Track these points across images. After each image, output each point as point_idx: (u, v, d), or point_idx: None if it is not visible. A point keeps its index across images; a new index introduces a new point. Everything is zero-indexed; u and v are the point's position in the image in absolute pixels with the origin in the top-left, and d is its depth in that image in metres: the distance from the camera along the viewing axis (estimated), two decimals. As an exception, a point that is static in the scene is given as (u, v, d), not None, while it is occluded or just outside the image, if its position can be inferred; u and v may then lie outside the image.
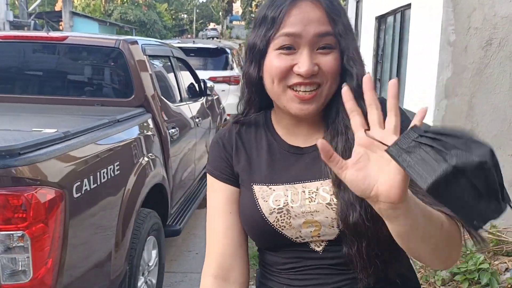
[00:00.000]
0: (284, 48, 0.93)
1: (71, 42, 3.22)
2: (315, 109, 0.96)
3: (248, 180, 1.03)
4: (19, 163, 1.72)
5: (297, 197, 0.98)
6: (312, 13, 0.92)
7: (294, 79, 0.93)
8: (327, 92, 0.96)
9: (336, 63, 0.94)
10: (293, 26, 0.92)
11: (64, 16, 21.46)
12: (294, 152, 1.03)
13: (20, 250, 1.74)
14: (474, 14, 3.14)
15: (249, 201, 1.01)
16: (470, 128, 3.33)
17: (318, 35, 0.92)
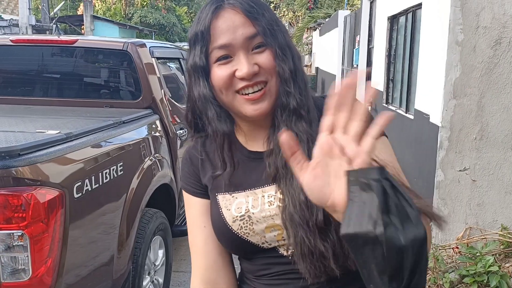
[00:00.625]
0: (222, 59, 0.95)
1: (80, 45, 3.29)
2: (268, 107, 0.96)
3: (214, 190, 1.05)
4: (19, 164, 1.77)
5: (257, 202, 0.99)
6: (235, 20, 0.94)
7: (239, 84, 0.95)
8: (275, 88, 0.96)
9: (272, 58, 0.95)
10: (221, 37, 0.94)
11: (85, 20, 21.81)
12: (255, 158, 1.03)
13: (20, 249, 1.78)
14: (482, 13, 3.09)
15: (215, 211, 1.03)
16: (480, 128, 3.28)
17: (248, 38, 0.94)
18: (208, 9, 0.96)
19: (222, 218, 1.01)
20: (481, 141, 3.28)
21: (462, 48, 3.16)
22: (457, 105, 3.25)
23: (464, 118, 3.26)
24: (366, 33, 8.18)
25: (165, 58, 3.73)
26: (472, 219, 3.40)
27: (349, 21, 10.89)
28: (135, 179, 2.52)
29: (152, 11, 30.04)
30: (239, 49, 0.94)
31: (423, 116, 4.03)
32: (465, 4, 3.10)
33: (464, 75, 3.20)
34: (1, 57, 3.38)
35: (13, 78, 3.39)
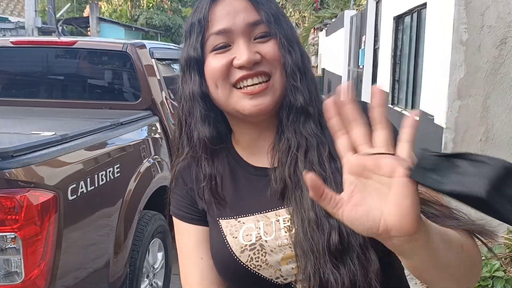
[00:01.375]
0: (219, 48, 0.84)
1: (80, 47, 3.27)
2: (270, 104, 0.83)
3: (214, 215, 0.89)
4: (12, 166, 1.74)
5: (271, 228, 0.84)
6: (236, 4, 0.84)
7: (236, 74, 0.83)
8: (280, 84, 0.84)
9: (278, 49, 0.84)
10: (220, 22, 0.83)
11: (92, 22, 21.92)
12: (261, 175, 0.89)
13: (13, 252, 1.75)
14: (487, 12, 3.03)
15: (217, 239, 0.88)
16: (485, 130, 3.22)
17: (250, 25, 0.84)
18: None
19: (227, 248, 0.85)
20: (486, 143, 3.23)
21: (467, 48, 3.11)
22: (462, 106, 3.20)
23: (469, 119, 3.21)
24: (372, 33, 8.13)
25: (165, 59, 3.70)
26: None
27: (355, 21, 10.83)
28: (133, 181, 2.49)
29: (158, 13, 30.13)
30: (239, 36, 0.83)
31: (428, 117, 3.98)
32: (469, 3, 3.05)
33: (468, 75, 3.15)
34: (1, 58, 3.37)
35: (12, 80, 3.38)
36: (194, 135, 0.89)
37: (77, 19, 23.85)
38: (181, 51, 0.91)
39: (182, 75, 0.90)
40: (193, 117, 0.88)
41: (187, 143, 0.91)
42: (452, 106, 3.20)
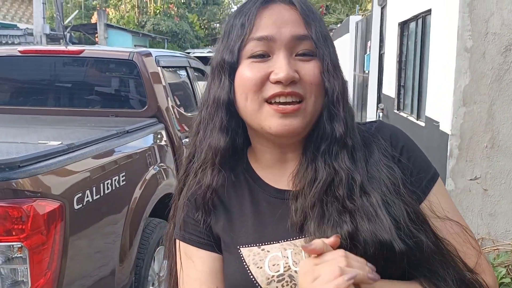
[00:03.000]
0: (257, 56, 0.78)
1: (87, 55, 3.30)
2: (300, 126, 0.78)
3: (233, 243, 0.82)
4: (19, 176, 1.77)
5: (301, 257, 0.77)
6: (286, 14, 0.79)
7: (271, 89, 0.77)
8: (313, 109, 0.79)
9: (319, 72, 0.79)
10: (265, 29, 0.78)
11: (99, 28, 22.10)
12: (283, 198, 0.82)
13: (19, 261, 1.77)
14: (491, 19, 3.03)
15: (238, 269, 0.80)
16: (491, 136, 3.21)
17: (296, 38, 0.78)
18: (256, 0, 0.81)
19: (251, 279, 0.77)
20: (492, 150, 3.22)
21: (471, 54, 3.11)
22: (467, 113, 3.19)
23: (474, 126, 3.20)
24: (377, 39, 8.12)
25: (171, 67, 3.73)
26: (483, 229, 3.32)
27: (360, 27, 10.84)
28: (138, 189, 2.51)
29: (165, 19, 30.30)
30: (281, 48, 0.77)
31: (433, 124, 3.97)
32: (474, 10, 3.04)
33: (473, 82, 3.14)
34: (9, 67, 3.41)
35: (20, 88, 3.42)
36: (208, 141, 0.84)
37: (85, 26, 24.05)
38: (214, 51, 0.85)
39: (211, 77, 0.84)
40: (211, 123, 0.83)
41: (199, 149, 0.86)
42: (457, 112, 3.20)
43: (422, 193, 0.82)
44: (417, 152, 0.86)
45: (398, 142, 0.85)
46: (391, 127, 0.88)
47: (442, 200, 0.83)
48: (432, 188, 0.83)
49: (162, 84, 3.32)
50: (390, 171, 0.80)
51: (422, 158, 0.86)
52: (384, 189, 0.78)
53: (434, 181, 0.84)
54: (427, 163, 0.86)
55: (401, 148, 0.84)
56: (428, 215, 0.80)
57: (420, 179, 0.83)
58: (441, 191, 0.85)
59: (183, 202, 0.88)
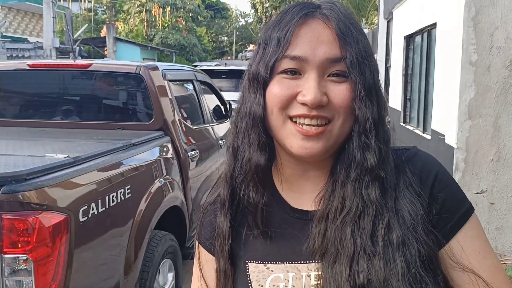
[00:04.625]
0: (288, 72, 0.77)
1: (95, 69, 3.35)
2: (322, 150, 0.76)
3: (242, 256, 0.83)
4: (25, 188, 1.79)
5: (301, 283, 0.77)
6: (322, 34, 0.76)
7: (297, 109, 0.75)
8: (339, 132, 0.76)
9: (350, 95, 0.75)
10: (299, 48, 0.76)
11: (108, 41, 22.37)
12: (297, 217, 0.81)
13: (24, 273, 1.79)
14: (496, 33, 3.04)
15: (242, 283, 0.82)
16: (496, 150, 3.20)
17: (330, 60, 0.75)
18: (295, 13, 0.78)
19: None
20: (498, 163, 3.20)
21: (476, 68, 3.11)
22: (473, 126, 3.19)
23: (480, 139, 3.19)
24: (383, 52, 8.15)
25: (177, 80, 3.77)
26: (490, 244, 3.29)
27: (367, 40, 10.88)
28: (143, 202, 2.52)
29: (173, 32, 30.60)
30: (313, 68, 0.75)
31: (439, 137, 3.96)
32: (478, 24, 3.06)
33: (479, 95, 3.14)
34: (19, 81, 3.47)
35: (29, 101, 3.47)
36: (247, 154, 0.81)
37: (94, 39, 24.35)
38: (250, 59, 0.84)
39: (247, 87, 0.82)
40: (249, 137, 0.81)
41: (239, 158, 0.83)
42: (463, 126, 3.19)
43: (445, 237, 0.77)
44: (450, 187, 0.80)
45: (428, 178, 0.80)
46: (424, 157, 0.83)
47: (471, 245, 0.77)
48: (460, 231, 0.78)
49: (169, 97, 3.35)
50: (412, 207, 0.76)
51: (454, 195, 0.80)
52: (404, 225, 0.75)
53: (465, 220, 0.78)
54: (458, 200, 0.80)
55: (432, 184, 0.79)
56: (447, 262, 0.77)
57: (447, 220, 0.78)
58: (474, 232, 0.79)
59: (205, 206, 0.90)
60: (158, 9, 32.28)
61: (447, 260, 0.76)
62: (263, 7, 51.35)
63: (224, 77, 8.34)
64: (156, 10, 32.33)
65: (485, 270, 0.76)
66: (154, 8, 32.24)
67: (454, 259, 0.76)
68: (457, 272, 0.76)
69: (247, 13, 69.21)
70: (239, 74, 8.76)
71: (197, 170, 3.53)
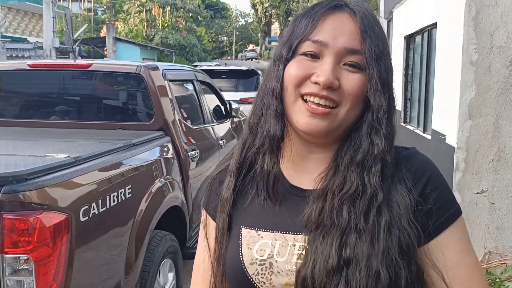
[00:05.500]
0: (308, 55, 0.84)
1: (95, 69, 3.35)
2: (325, 129, 0.83)
3: (239, 221, 0.91)
4: (26, 188, 1.79)
5: (285, 250, 0.84)
6: (346, 25, 0.83)
7: (309, 87, 0.83)
8: (344, 117, 0.83)
9: (361, 85, 0.82)
10: (322, 34, 0.83)
11: (108, 42, 22.36)
12: (293, 193, 0.89)
13: (25, 273, 1.79)
14: (496, 32, 3.04)
15: (234, 245, 0.89)
16: (497, 149, 3.20)
17: (347, 50, 0.82)
18: (325, 4, 0.86)
19: (239, 256, 0.87)
20: (498, 163, 3.20)
21: (477, 68, 3.11)
22: (473, 126, 3.18)
23: (480, 139, 3.19)
24: (383, 52, 8.16)
25: (178, 80, 3.77)
26: (491, 243, 3.30)
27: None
28: (144, 202, 2.52)
29: (173, 32, 30.60)
30: (331, 55, 0.82)
31: (439, 137, 3.96)
32: (478, 24, 3.06)
33: (479, 95, 3.14)
34: (19, 81, 3.47)
35: (30, 101, 3.47)
36: (264, 128, 0.88)
37: (94, 39, 24.34)
38: (280, 38, 0.91)
39: (272, 65, 0.90)
40: (268, 111, 0.88)
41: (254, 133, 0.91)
42: (463, 126, 3.19)
43: (427, 236, 0.83)
44: (441, 189, 0.86)
45: (422, 177, 0.86)
46: (421, 158, 0.89)
47: (453, 245, 0.83)
48: (444, 232, 0.84)
49: (169, 97, 3.35)
50: (401, 199, 0.83)
51: (445, 196, 0.86)
52: (391, 213, 0.82)
53: (451, 222, 0.85)
54: (447, 201, 0.86)
55: (425, 183, 0.85)
56: (424, 260, 0.83)
57: (433, 219, 0.84)
58: (458, 235, 0.85)
59: (214, 174, 0.99)
60: (158, 9, 32.27)
61: (424, 258, 0.83)
62: (263, 7, 51.35)
63: (224, 77, 8.34)
64: (156, 10, 32.32)
65: (463, 267, 0.83)
66: (154, 8, 32.23)
67: (432, 257, 0.83)
68: (431, 270, 0.83)
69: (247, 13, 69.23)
70: (239, 74, 8.80)
71: (197, 170, 3.53)
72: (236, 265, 0.87)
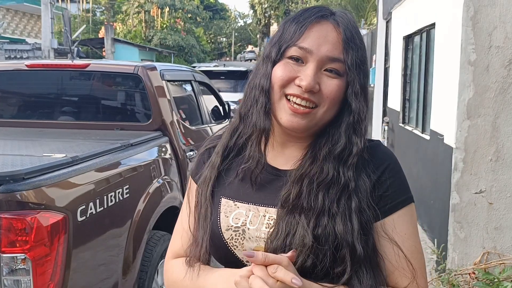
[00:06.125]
0: (293, 59, 0.95)
1: (92, 69, 3.34)
2: (305, 126, 0.95)
3: (220, 192, 1.04)
4: (23, 188, 1.78)
5: (257, 219, 0.98)
6: (330, 36, 0.94)
7: (292, 89, 0.94)
8: (321, 116, 0.95)
9: (338, 90, 0.95)
10: (308, 41, 0.94)
11: (106, 42, 22.33)
12: (270, 173, 1.02)
13: (23, 272, 1.78)
14: (495, 32, 3.04)
15: (214, 213, 1.02)
16: (495, 149, 3.20)
17: (329, 58, 0.93)
18: (313, 13, 0.97)
19: (217, 223, 1.00)
20: (497, 163, 3.20)
21: (475, 68, 3.11)
22: (471, 126, 3.18)
23: (478, 139, 3.19)
24: (382, 53, 8.15)
25: (176, 81, 3.76)
26: (489, 243, 3.30)
27: (366, 41, 10.88)
28: (142, 202, 2.52)
29: (172, 33, 30.59)
30: (314, 61, 0.94)
31: (438, 137, 3.96)
32: (477, 24, 3.06)
33: (477, 95, 3.14)
34: (17, 81, 3.46)
35: (27, 102, 3.46)
36: (254, 119, 1.00)
37: (92, 40, 24.31)
38: (270, 39, 1.02)
39: (261, 61, 1.00)
40: (256, 104, 0.99)
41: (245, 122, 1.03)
42: (462, 126, 3.19)
43: (383, 213, 0.96)
44: (396, 177, 0.99)
45: (381, 165, 0.99)
46: (383, 150, 1.02)
47: (401, 226, 0.96)
48: (395, 213, 0.97)
49: (167, 97, 3.34)
50: (362, 184, 0.96)
51: (399, 183, 0.99)
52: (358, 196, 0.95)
53: (402, 206, 0.98)
54: (401, 189, 0.98)
55: (383, 170, 0.98)
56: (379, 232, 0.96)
57: (387, 201, 0.97)
58: (406, 218, 0.98)
59: (202, 150, 1.12)
60: (157, 10, 32.26)
61: (380, 231, 0.96)
62: (262, 8, 51.38)
63: (223, 78, 8.33)
64: (155, 11, 32.31)
65: (405, 248, 0.96)
66: (153, 9, 32.22)
67: (385, 231, 0.96)
68: (385, 240, 0.96)
69: (246, 14, 69.27)
70: (238, 75, 8.79)
71: (195, 170, 3.52)
72: (215, 231, 1.00)
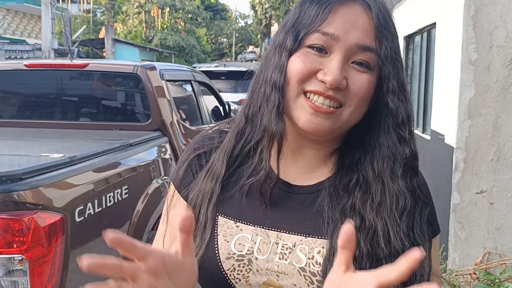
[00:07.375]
0: (315, 48, 0.75)
1: (92, 69, 3.33)
2: (327, 129, 0.76)
3: (215, 208, 0.82)
4: (20, 188, 1.77)
5: (267, 247, 0.78)
6: (361, 20, 0.75)
7: (314, 85, 0.75)
8: (348, 118, 0.77)
9: (369, 87, 0.76)
10: (334, 26, 0.74)
11: (107, 43, 22.32)
12: (281, 188, 0.81)
13: (20, 273, 1.77)
14: (496, 31, 3.03)
15: (207, 233, 0.81)
16: (496, 149, 3.18)
17: (359, 47, 0.74)
18: None
19: (214, 248, 0.78)
20: (498, 163, 3.19)
21: (476, 67, 3.10)
22: (472, 126, 3.17)
23: (479, 139, 3.17)
24: (382, 53, 8.15)
25: (176, 81, 3.75)
26: (490, 244, 3.28)
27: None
28: (141, 202, 2.51)
29: (172, 34, 30.60)
30: (341, 50, 0.74)
31: (438, 137, 3.95)
32: (478, 23, 3.04)
33: (478, 95, 3.12)
34: (15, 81, 3.45)
35: (26, 102, 3.45)
36: (263, 122, 0.80)
37: (93, 41, 24.31)
38: (283, 21, 0.82)
39: (272, 51, 0.81)
40: (267, 103, 0.79)
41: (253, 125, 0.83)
42: (462, 125, 3.18)
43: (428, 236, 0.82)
44: (431, 203, 0.84)
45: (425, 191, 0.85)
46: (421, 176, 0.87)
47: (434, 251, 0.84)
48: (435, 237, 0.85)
49: (167, 97, 3.33)
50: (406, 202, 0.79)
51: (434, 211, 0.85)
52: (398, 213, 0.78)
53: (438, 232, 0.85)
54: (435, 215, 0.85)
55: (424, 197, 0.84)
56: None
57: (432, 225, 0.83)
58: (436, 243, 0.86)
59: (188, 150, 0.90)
60: (157, 10, 32.29)
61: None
62: (262, 8, 51.37)
63: (223, 78, 8.33)
64: (155, 11, 32.34)
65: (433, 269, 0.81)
66: (153, 9, 32.25)
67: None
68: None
69: (246, 15, 69.24)
70: (238, 75, 8.77)
71: (195, 171, 3.51)
72: (210, 258, 0.78)
